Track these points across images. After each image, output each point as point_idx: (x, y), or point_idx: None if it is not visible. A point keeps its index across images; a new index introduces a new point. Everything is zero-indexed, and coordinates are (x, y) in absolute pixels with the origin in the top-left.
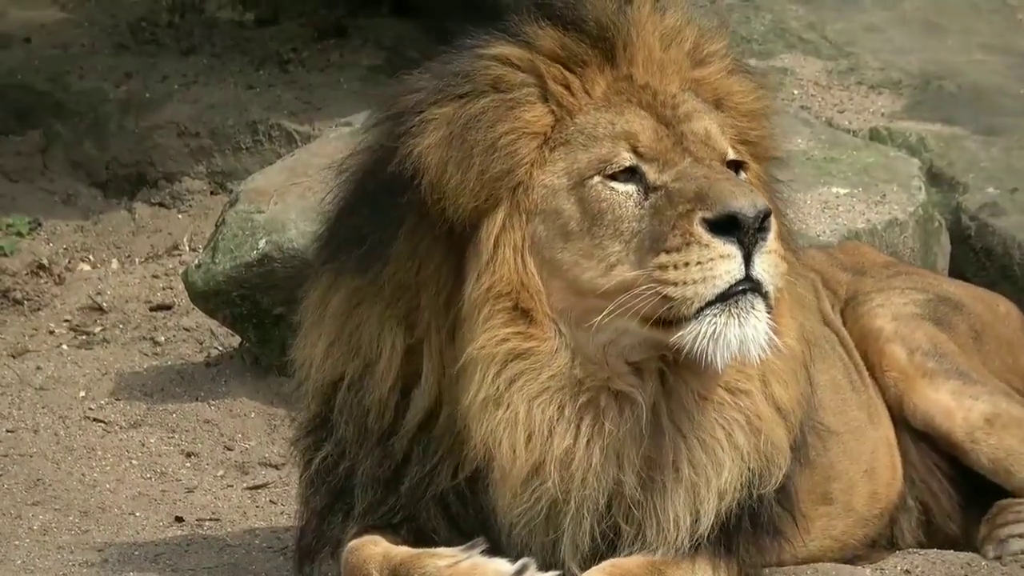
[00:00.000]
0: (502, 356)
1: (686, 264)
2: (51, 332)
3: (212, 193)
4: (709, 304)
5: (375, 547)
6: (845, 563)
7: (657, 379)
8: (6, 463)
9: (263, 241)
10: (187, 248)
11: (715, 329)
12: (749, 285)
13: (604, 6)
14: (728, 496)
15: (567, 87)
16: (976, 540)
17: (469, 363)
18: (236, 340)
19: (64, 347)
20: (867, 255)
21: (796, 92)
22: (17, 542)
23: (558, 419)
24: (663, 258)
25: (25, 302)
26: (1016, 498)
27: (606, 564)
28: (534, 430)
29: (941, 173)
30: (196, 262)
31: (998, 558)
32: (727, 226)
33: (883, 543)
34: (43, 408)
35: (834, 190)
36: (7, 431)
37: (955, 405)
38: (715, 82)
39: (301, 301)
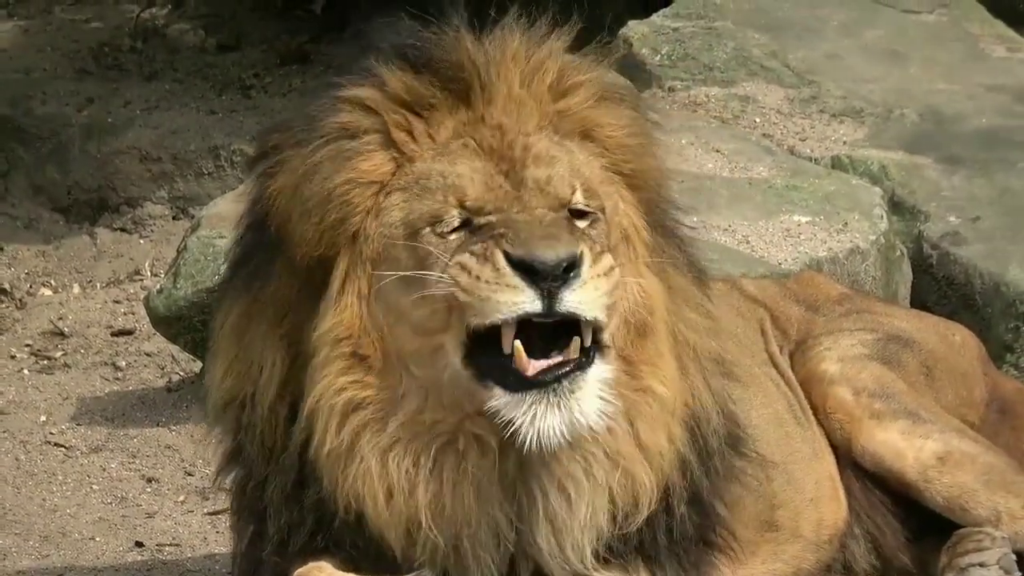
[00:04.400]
0: (341, 407)
1: (478, 277)
2: (12, 356)
3: (174, 218)
4: (523, 385)
5: (320, 574)
6: None
7: None
8: None
9: (225, 266)
10: (149, 273)
11: (535, 413)
12: (580, 362)
13: (461, 45)
14: (596, 529)
15: (409, 132)
16: (931, 569)
17: (312, 412)
18: (197, 365)
19: (25, 372)
20: (821, 287)
21: (758, 120)
22: None
23: (416, 470)
24: (464, 257)
25: None
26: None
27: None
28: (393, 485)
29: (903, 202)
30: (158, 287)
31: None
32: (526, 269)
33: (838, 567)
34: (3, 433)
35: (796, 218)
36: None
37: (905, 445)
38: (581, 112)
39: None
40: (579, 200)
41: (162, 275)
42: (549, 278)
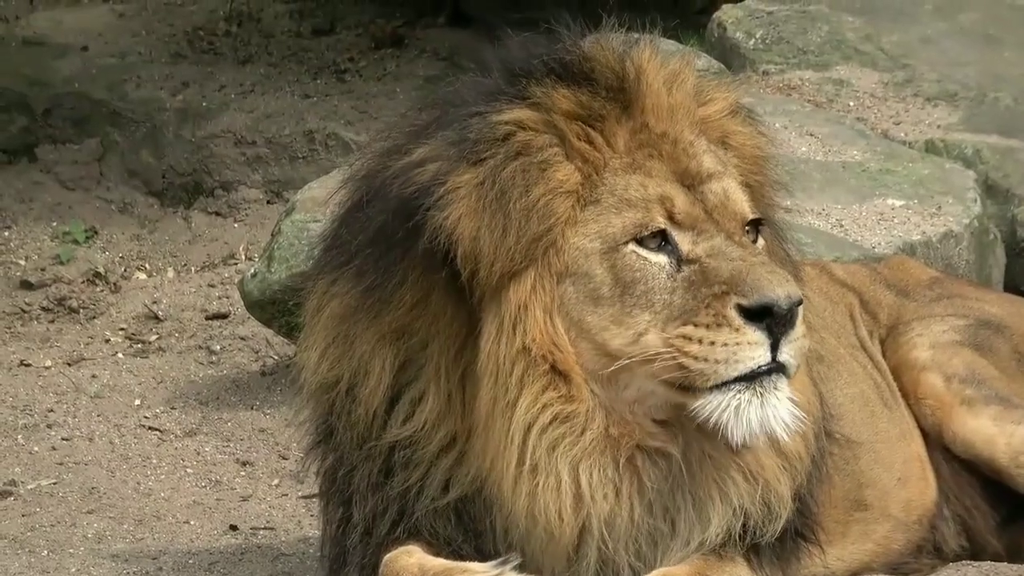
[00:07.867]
0: (545, 422)
1: (712, 343)
2: (107, 340)
3: (268, 202)
4: (727, 383)
5: (409, 558)
6: (896, 572)
7: (682, 433)
8: (61, 471)
9: (319, 250)
10: (243, 257)
11: (738, 404)
12: (775, 367)
13: (610, 57)
14: (711, 543)
15: (590, 143)
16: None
17: (513, 431)
18: (292, 349)
19: (120, 355)
20: (912, 271)
21: (852, 104)
22: (72, 550)
23: (601, 481)
24: (688, 329)
25: (81, 310)
26: None
27: (657, 573)
28: (580, 494)
29: (997, 185)
30: (252, 271)
31: None
32: (760, 314)
33: (929, 548)
34: (98, 416)
35: (890, 202)
36: (62, 439)
37: (997, 431)
38: (719, 121)
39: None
40: (751, 213)
41: (256, 259)
42: (782, 321)
